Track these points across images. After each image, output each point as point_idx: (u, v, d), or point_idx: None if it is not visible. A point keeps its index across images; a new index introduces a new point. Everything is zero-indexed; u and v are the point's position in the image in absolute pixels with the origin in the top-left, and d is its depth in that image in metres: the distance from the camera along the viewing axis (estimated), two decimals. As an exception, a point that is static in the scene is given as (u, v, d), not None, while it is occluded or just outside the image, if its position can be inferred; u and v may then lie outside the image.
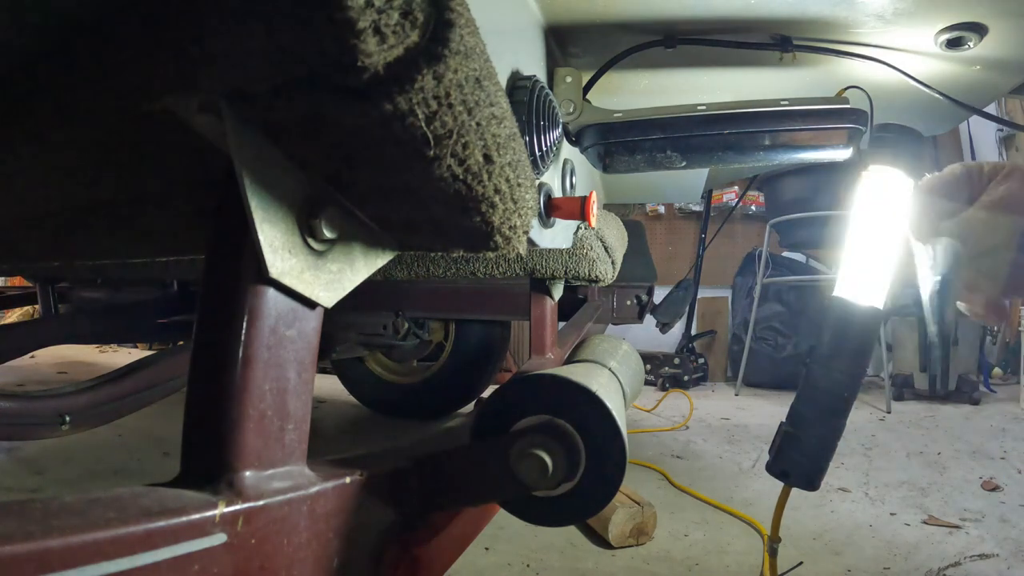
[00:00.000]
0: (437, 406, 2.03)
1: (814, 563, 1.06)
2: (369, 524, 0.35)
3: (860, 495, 1.40)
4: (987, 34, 0.65)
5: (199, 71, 0.25)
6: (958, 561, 1.06)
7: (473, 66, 0.26)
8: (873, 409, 2.34)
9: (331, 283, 0.33)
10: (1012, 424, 2.06)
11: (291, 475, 0.31)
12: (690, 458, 1.71)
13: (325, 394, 2.37)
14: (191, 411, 0.30)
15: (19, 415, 0.82)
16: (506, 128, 0.31)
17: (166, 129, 0.34)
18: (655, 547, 1.13)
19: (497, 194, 0.31)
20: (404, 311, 1.49)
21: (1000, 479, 1.49)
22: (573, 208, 0.55)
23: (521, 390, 0.39)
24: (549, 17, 0.63)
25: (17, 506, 0.24)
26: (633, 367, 0.58)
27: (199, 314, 0.31)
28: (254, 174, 0.28)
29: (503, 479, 0.37)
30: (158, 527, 0.25)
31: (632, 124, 0.65)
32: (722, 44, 0.68)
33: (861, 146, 0.66)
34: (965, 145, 3.20)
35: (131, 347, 3.56)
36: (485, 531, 0.58)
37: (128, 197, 0.50)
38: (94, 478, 1.41)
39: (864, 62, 0.70)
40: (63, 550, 0.22)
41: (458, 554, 0.43)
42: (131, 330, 1.64)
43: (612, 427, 0.38)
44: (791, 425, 0.73)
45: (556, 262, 0.76)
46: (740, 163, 0.69)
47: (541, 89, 0.50)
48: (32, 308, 2.26)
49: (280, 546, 0.30)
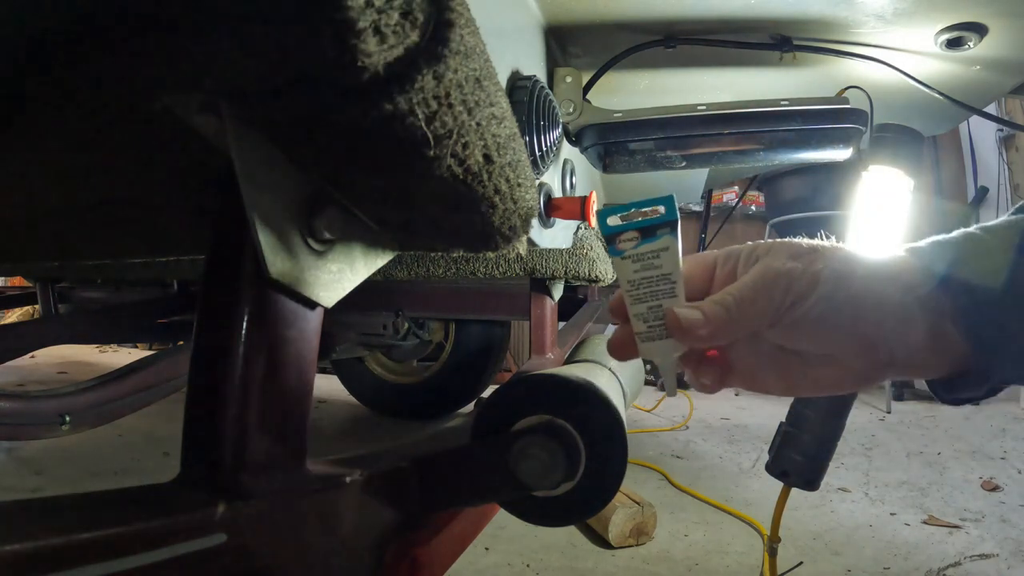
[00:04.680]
0: (437, 406, 2.03)
1: (814, 563, 1.06)
2: (369, 524, 0.35)
3: (860, 495, 1.40)
4: (987, 34, 0.65)
5: (199, 71, 0.25)
6: (958, 561, 1.06)
7: (473, 66, 0.26)
8: (873, 409, 2.34)
9: (331, 283, 0.33)
10: (1012, 424, 2.06)
11: (291, 475, 0.31)
12: (690, 458, 1.71)
13: (325, 394, 2.37)
14: (191, 411, 0.30)
15: (19, 415, 0.82)
16: (506, 128, 0.31)
17: (166, 129, 0.34)
18: (655, 547, 1.13)
19: (497, 194, 0.31)
20: (404, 311, 1.48)
21: (1000, 479, 1.49)
22: (573, 208, 0.55)
23: (521, 390, 0.39)
24: (549, 17, 0.63)
25: (17, 506, 0.24)
26: (633, 367, 0.58)
27: (199, 314, 0.31)
28: (254, 174, 0.28)
29: (503, 479, 0.37)
30: (158, 527, 0.25)
31: (632, 124, 0.65)
32: (722, 44, 0.68)
33: (861, 146, 0.67)
34: (965, 145, 3.20)
35: (131, 347, 3.56)
36: (485, 531, 0.59)
37: (128, 197, 0.50)
38: (94, 478, 1.41)
39: (864, 62, 0.70)
40: (63, 550, 0.22)
41: (458, 554, 0.43)
42: (131, 330, 1.64)
43: (612, 427, 0.38)
44: (791, 425, 0.74)
45: (556, 262, 0.76)
46: (740, 163, 0.69)
47: (541, 89, 0.50)
48: (32, 308, 2.26)
49: (280, 546, 0.30)
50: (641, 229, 0.35)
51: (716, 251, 0.38)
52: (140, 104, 0.31)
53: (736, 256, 0.37)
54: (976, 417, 2.17)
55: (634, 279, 0.35)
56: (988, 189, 3.05)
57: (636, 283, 0.35)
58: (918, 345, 0.34)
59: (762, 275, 0.34)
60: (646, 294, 0.35)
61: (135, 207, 0.52)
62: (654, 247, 0.35)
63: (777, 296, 0.33)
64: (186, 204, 0.51)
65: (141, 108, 0.31)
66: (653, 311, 0.35)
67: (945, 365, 0.35)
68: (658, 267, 0.35)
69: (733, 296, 0.34)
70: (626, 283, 0.35)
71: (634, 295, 0.35)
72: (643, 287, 0.35)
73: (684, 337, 0.34)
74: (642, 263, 0.35)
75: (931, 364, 0.35)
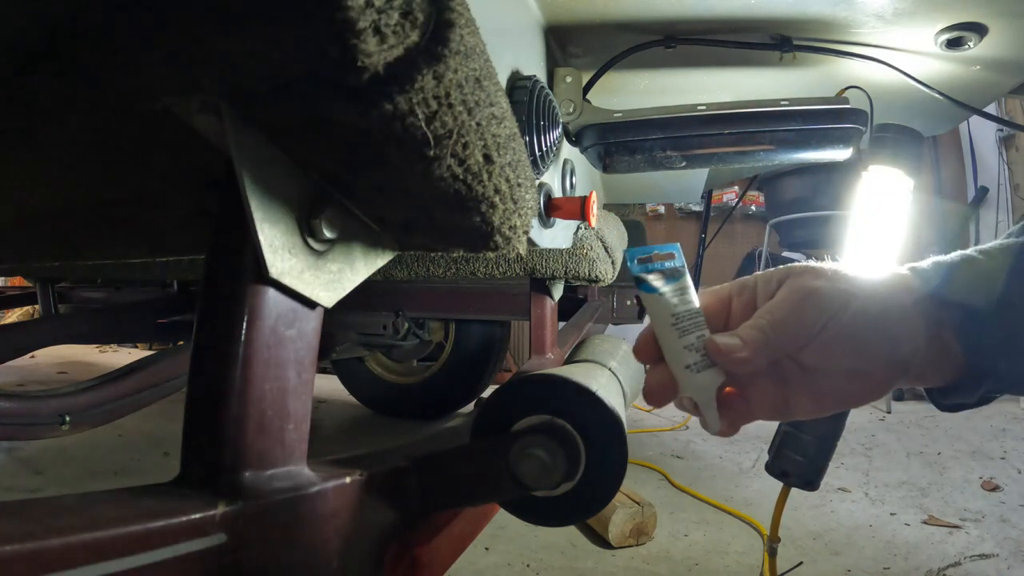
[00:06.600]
0: (437, 406, 2.03)
1: (814, 563, 1.06)
2: (369, 524, 0.35)
3: (860, 495, 1.40)
4: (987, 34, 0.65)
5: (199, 71, 0.25)
6: (958, 561, 1.06)
7: (473, 66, 0.26)
8: (873, 409, 2.34)
9: (331, 283, 0.33)
10: (1012, 424, 2.06)
11: (291, 475, 0.31)
12: (690, 458, 1.71)
13: (325, 394, 2.37)
14: (191, 411, 0.30)
15: (19, 415, 0.82)
16: (506, 128, 0.31)
17: (166, 129, 0.34)
18: (655, 547, 1.13)
19: (497, 194, 0.31)
20: (404, 311, 1.49)
21: (1000, 479, 1.49)
22: (573, 208, 0.55)
23: (521, 390, 0.39)
24: (549, 17, 0.63)
25: (17, 506, 0.24)
26: (633, 367, 0.58)
27: (199, 314, 0.31)
28: (254, 174, 0.28)
29: (503, 479, 0.37)
30: (158, 527, 0.25)
31: (632, 124, 0.65)
32: (722, 44, 0.68)
33: (861, 146, 0.67)
34: (965, 145, 3.20)
35: (131, 347, 3.56)
36: (485, 531, 0.59)
37: (128, 197, 0.50)
38: (94, 478, 1.41)
39: (864, 62, 0.70)
40: (63, 550, 0.22)
41: (458, 554, 0.43)
42: (131, 330, 1.64)
43: (612, 427, 0.38)
44: (791, 425, 0.74)
45: (556, 262, 0.76)
46: (740, 163, 0.69)
47: (541, 89, 0.50)
48: (32, 308, 2.26)
49: (280, 546, 0.30)
50: (663, 271, 0.37)
51: (727, 284, 0.39)
52: (140, 104, 0.31)
53: (751, 286, 0.38)
54: (976, 417, 2.17)
55: (678, 312, 0.36)
56: (988, 189, 3.05)
57: (680, 316, 0.36)
58: (925, 355, 0.36)
59: (793, 296, 0.36)
60: (690, 325, 0.37)
61: (135, 207, 0.52)
62: (679, 286, 0.37)
63: (811, 314, 0.35)
64: (186, 204, 0.51)
65: (141, 108, 0.31)
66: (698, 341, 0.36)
67: (946, 373, 0.37)
68: (688, 302, 0.37)
69: (767, 319, 0.35)
70: (669, 316, 0.36)
71: (680, 328, 0.36)
72: (684, 319, 0.37)
73: (728, 361, 0.35)
74: (678, 298, 0.37)
75: (935, 373, 0.37)
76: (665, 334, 0.37)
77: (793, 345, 0.35)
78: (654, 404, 0.38)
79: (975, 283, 0.36)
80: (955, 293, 0.36)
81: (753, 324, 0.36)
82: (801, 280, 0.36)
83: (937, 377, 0.38)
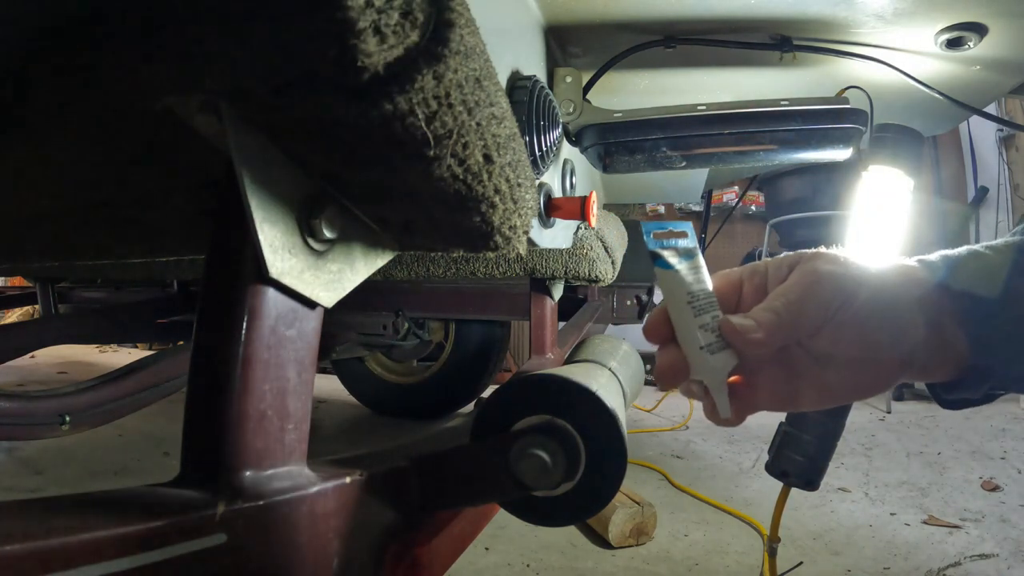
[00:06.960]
0: (437, 406, 2.03)
1: (814, 563, 1.06)
2: (369, 524, 0.35)
3: (860, 495, 1.40)
4: (987, 34, 0.65)
5: (199, 71, 0.25)
6: (958, 561, 1.06)
7: (473, 66, 0.26)
8: (873, 409, 2.34)
9: (331, 283, 0.33)
10: (1012, 424, 2.06)
11: (291, 475, 0.31)
12: (690, 458, 1.71)
13: (325, 394, 2.37)
14: (191, 411, 0.30)
15: (19, 415, 0.82)
16: (506, 128, 0.31)
17: (166, 129, 0.34)
18: (655, 547, 1.13)
19: (497, 194, 0.31)
20: (404, 311, 1.49)
21: (1000, 479, 1.49)
22: (573, 208, 0.55)
23: (521, 390, 0.39)
24: (549, 17, 0.63)
25: (17, 506, 0.24)
26: (633, 367, 0.58)
27: (199, 314, 0.31)
28: (254, 174, 0.28)
29: (503, 479, 0.37)
30: (158, 527, 0.25)
31: (632, 124, 0.65)
32: (722, 44, 0.68)
33: (861, 146, 0.67)
34: (965, 145, 3.20)
35: (131, 347, 3.56)
36: (485, 531, 0.59)
37: (128, 197, 0.50)
38: (94, 478, 1.41)
39: (864, 62, 0.70)
40: (63, 550, 0.22)
41: (458, 554, 0.43)
42: (131, 330, 1.65)
43: (612, 427, 0.38)
44: (791, 425, 0.74)
45: (556, 262, 0.76)
46: (740, 163, 0.69)
47: (541, 89, 0.50)
48: (32, 308, 2.26)
49: (280, 546, 0.30)
50: (678, 249, 0.36)
51: (739, 268, 0.39)
52: (140, 104, 0.31)
53: (762, 271, 0.38)
54: (976, 417, 2.17)
55: (694, 291, 0.35)
56: (988, 189, 3.05)
57: (695, 294, 0.35)
58: (929, 346, 0.36)
59: (806, 279, 0.35)
60: (705, 305, 0.35)
61: (135, 207, 0.52)
62: (693, 264, 0.36)
63: (824, 298, 0.35)
64: (186, 204, 0.51)
65: (141, 108, 0.31)
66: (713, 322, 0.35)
67: (950, 366, 0.37)
68: (702, 282, 0.36)
69: (781, 302, 0.35)
70: (685, 294, 0.35)
71: (696, 307, 0.35)
72: (700, 298, 0.35)
73: (743, 342, 0.34)
74: (693, 276, 0.36)
75: (940, 365, 0.37)
76: (679, 312, 0.35)
77: (806, 329, 0.35)
78: (664, 386, 0.38)
79: (981, 276, 0.36)
80: (961, 284, 0.36)
81: (767, 306, 0.35)
82: (813, 264, 0.36)
83: (942, 370, 0.38)
